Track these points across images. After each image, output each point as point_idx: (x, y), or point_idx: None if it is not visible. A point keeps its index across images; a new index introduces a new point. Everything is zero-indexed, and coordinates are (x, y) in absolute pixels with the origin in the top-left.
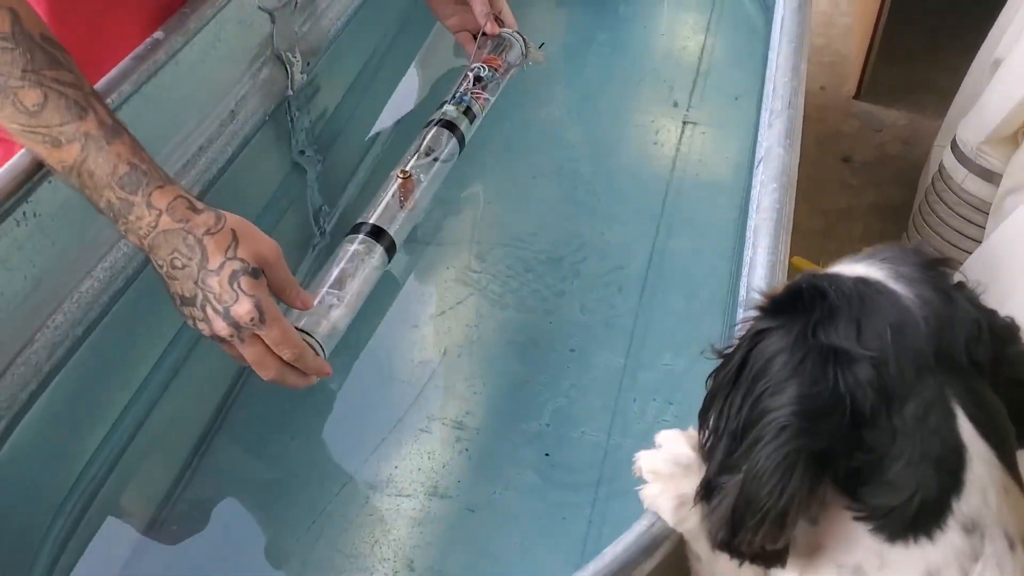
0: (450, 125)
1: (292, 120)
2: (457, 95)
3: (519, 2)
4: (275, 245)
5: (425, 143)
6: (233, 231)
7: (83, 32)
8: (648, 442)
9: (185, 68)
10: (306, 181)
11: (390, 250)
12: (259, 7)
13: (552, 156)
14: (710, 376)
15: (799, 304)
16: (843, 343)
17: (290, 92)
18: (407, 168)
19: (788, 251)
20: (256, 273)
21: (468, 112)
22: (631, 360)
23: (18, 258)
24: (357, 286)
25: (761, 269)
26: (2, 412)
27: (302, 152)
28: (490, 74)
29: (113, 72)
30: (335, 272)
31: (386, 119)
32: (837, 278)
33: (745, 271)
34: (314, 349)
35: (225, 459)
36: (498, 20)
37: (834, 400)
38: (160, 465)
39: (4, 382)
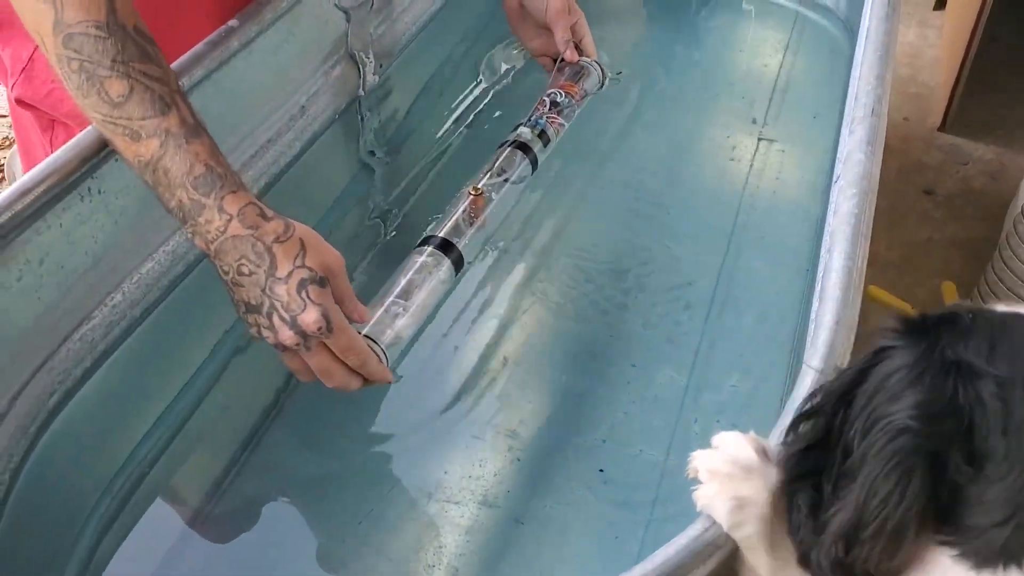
0: (524, 147)
1: (362, 120)
2: (533, 119)
3: (598, 13)
4: (340, 256)
5: (498, 163)
6: (301, 240)
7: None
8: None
9: (258, 59)
10: (372, 181)
11: (457, 264)
12: (335, 5)
13: (623, 167)
14: (818, 389)
15: (931, 325)
16: (970, 358)
17: (361, 92)
18: (479, 186)
19: (865, 259)
20: (323, 282)
21: (543, 135)
22: (695, 379)
23: (80, 233)
24: (423, 297)
25: (836, 275)
26: (55, 387)
27: (371, 153)
28: (566, 100)
29: (186, 56)
30: (402, 282)
31: (456, 125)
32: (986, 309)
33: (819, 278)
34: (378, 356)
35: (275, 453)
36: (578, 48)
37: (952, 410)
38: (209, 454)
39: (59, 357)
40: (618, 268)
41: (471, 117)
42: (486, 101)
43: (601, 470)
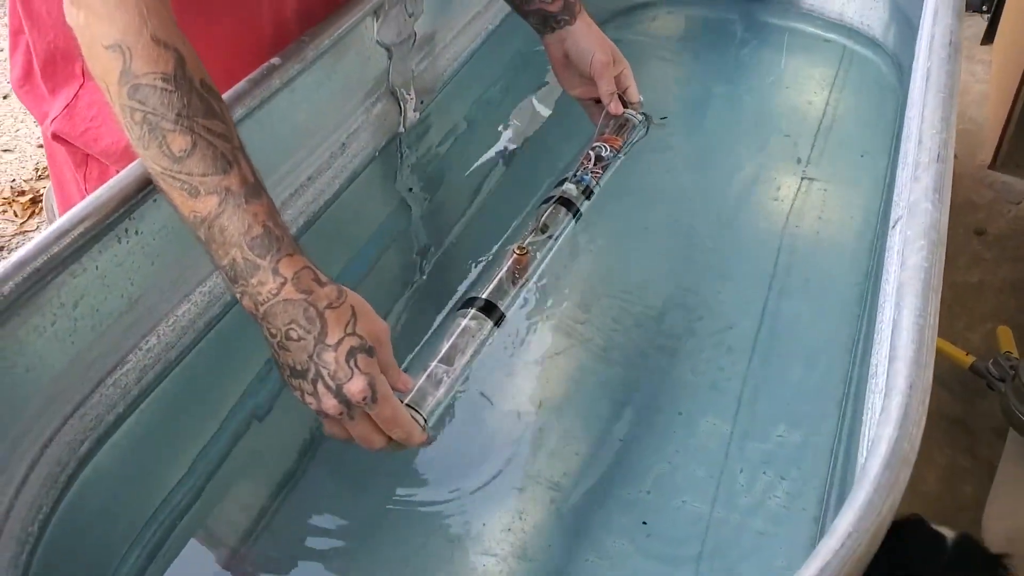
0: (567, 203)
1: (401, 157)
2: (578, 174)
3: (639, 51)
4: (386, 326)
5: (543, 220)
6: (353, 307)
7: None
8: (754, 517)
9: (300, 96)
10: (410, 219)
11: (499, 323)
12: (377, 42)
13: (665, 207)
14: None
15: None
16: None
17: (402, 129)
18: (524, 244)
19: (937, 315)
20: (371, 351)
21: (587, 191)
22: (740, 428)
23: (117, 275)
24: (466, 362)
25: (907, 334)
26: (87, 433)
27: (409, 189)
28: (611, 154)
29: (228, 94)
30: (445, 346)
31: (495, 161)
32: None
33: (884, 334)
34: (418, 423)
35: (310, 499)
36: (623, 98)
37: None
38: (243, 500)
39: (92, 402)
40: (663, 311)
41: (510, 154)
42: (526, 137)
43: (644, 523)
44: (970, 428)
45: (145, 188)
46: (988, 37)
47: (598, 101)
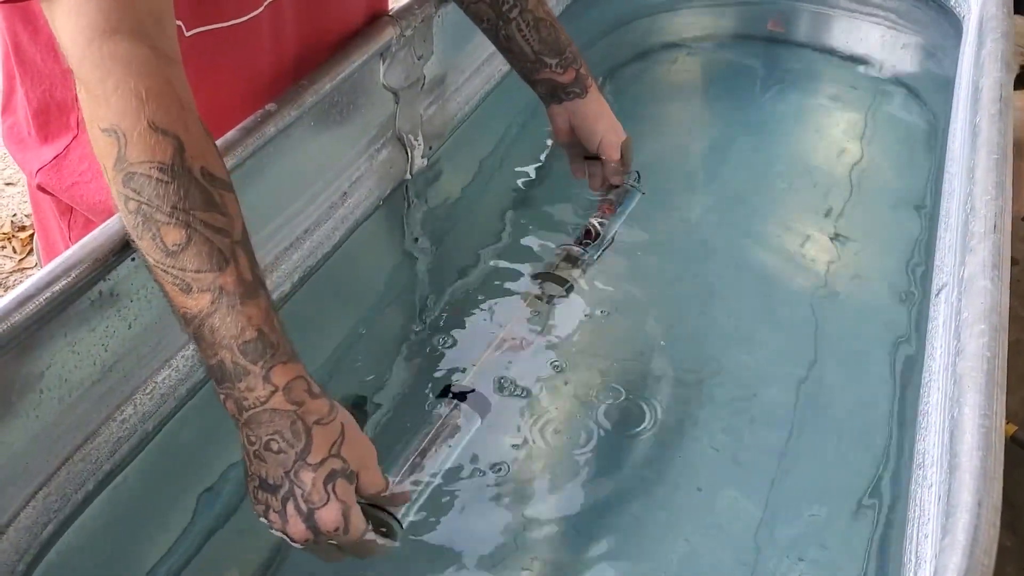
0: (562, 280)
1: (408, 205)
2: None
3: (660, 93)
4: (373, 449)
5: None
6: (342, 425)
7: None
8: None
9: (296, 144)
10: (415, 272)
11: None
12: (383, 85)
13: (686, 263)
14: None
15: None
16: None
17: (408, 176)
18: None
19: (1003, 416)
20: (352, 478)
21: (579, 263)
22: (766, 506)
23: (88, 341)
24: (452, 456)
25: (971, 438)
26: (51, 515)
27: (415, 240)
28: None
29: (218, 142)
30: (427, 443)
31: (508, 210)
32: None
33: (933, 419)
34: (391, 526)
35: None
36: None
37: None
38: None
39: (56, 481)
40: (684, 377)
41: (523, 201)
42: (539, 184)
43: None
44: (1011, 502)
45: (121, 246)
46: (1020, 83)
47: (587, 157)
